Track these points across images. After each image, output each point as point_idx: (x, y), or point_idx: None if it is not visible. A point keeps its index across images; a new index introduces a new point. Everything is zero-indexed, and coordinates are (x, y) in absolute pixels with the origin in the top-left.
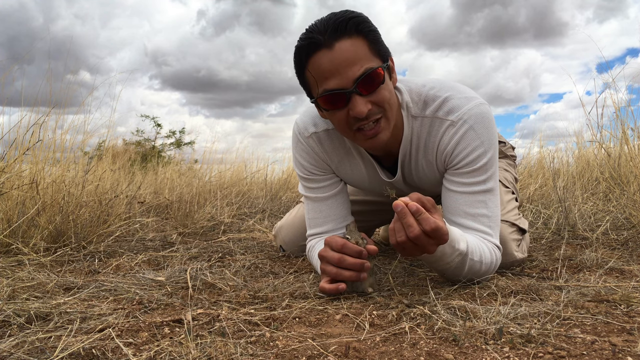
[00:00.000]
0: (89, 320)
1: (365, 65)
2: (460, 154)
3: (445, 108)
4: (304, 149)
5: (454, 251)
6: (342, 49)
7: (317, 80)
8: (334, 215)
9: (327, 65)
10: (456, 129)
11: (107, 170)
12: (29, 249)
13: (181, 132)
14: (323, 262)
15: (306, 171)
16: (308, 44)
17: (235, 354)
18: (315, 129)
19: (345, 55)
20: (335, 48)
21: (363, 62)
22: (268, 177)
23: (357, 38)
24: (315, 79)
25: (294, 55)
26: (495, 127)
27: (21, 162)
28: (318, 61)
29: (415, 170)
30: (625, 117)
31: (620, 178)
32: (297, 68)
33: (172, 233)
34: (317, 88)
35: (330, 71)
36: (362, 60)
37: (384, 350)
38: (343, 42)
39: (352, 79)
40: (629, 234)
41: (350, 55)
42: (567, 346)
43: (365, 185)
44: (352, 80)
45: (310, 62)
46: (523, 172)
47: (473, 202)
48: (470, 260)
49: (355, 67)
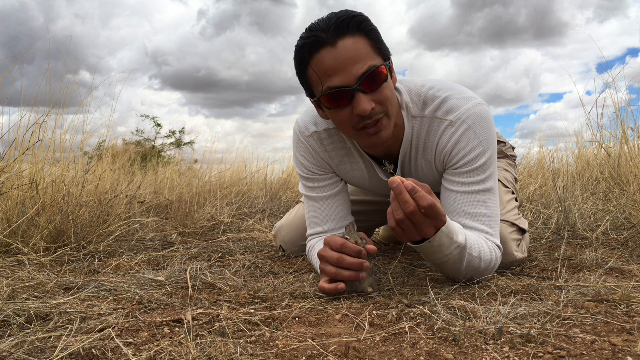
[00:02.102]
0: (89, 320)
1: (368, 63)
2: (459, 154)
3: (444, 108)
4: (304, 149)
5: (452, 243)
6: (346, 47)
7: (320, 78)
8: (335, 215)
9: (330, 62)
10: (455, 129)
11: (107, 170)
12: (29, 249)
13: (181, 132)
14: (322, 262)
15: (307, 170)
16: (311, 42)
17: (235, 354)
18: (316, 128)
19: (348, 53)
20: (338, 46)
21: (366, 60)
22: (268, 177)
23: (360, 37)
24: (318, 76)
25: (295, 53)
26: (494, 127)
27: (21, 162)
28: (321, 59)
29: (414, 170)
30: (625, 117)
31: (620, 178)
32: (298, 66)
33: (172, 233)
34: (320, 86)
35: (333, 69)
36: (365, 58)
37: (384, 350)
38: (346, 40)
39: (356, 76)
40: (629, 234)
41: (354, 53)
42: (567, 346)
43: (365, 185)
44: (356, 78)
45: (313, 60)
46: (523, 172)
47: (472, 201)
48: (469, 255)
49: (359, 65)
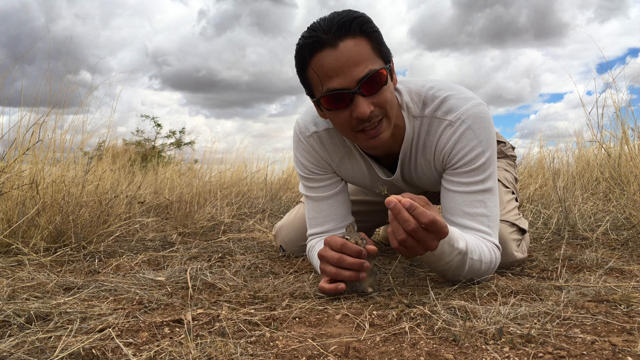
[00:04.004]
0: (89, 320)
1: (369, 66)
2: (458, 154)
3: (444, 108)
4: (304, 149)
5: (453, 250)
6: (346, 49)
7: (320, 79)
8: (335, 215)
9: (330, 64)
10: (454, 129)
11: (107, 170)
12: (29, 249)
13: (181, 132)
14: (322, 262)
15: (307, 170)
16: (312, 42)
17: (235, 354)
18: (316, 128)
19: (349, 54)
20: (339, 47)
21: (367, 62)
22: (268, 177)
23: (361, 38)
24: (318, 77)
25: (295, 52)
26: (493, 127)
27: (21, 162)
28: (322, 60)
29: (414, 169)
30: (625, 117)
31: (620, 178)
32: (298, 66)
33: (172, 233)
34: (320, 87)
35: (334, 70)
36: (365, 60)
37: (384, 350)
38: (347, 42)
39: (355, 79)
40: (629, 234)
41: (354, 55)
42: (567, 346)
43: (366, 184)
44: (356, 80)
45: (313, 60)
46: (523, 172)
47: (472, 201)
48: (470, 259)
49: (359, 67)
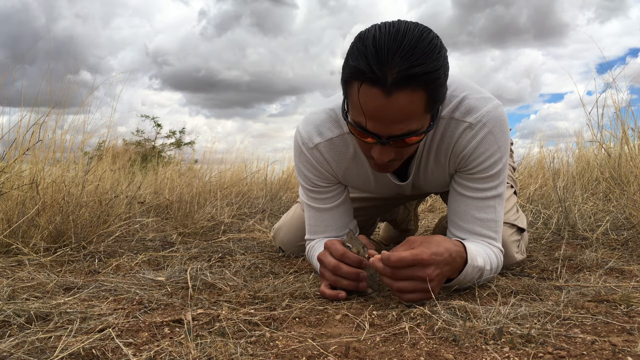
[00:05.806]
0: (89, 320)
1: (410, 126)
2: (477, 159)
3: (462, 109)
4: (307, 161)
5: (474, 269)
6: (398, 103)
7: (359, 105)
8: (336, 225)
9: (374, 108)
10: (474, 132)
11: (107, 170)
12: (29, 249)
13: (181, 132)
14: (321, 267)
15: (310, 182)
16: (369, 72)
17: (235, 354)
18: (320, 139)
19: (397, 110)
20: (392, 98)
21: (411, 122)
22: (268, 177)
23: (420, 93)
24: (359, 102)
25: (349, 57)
26: (509, 130)
27: (21, 162)
28: (369, 96)
29: (423, 172)
30: (625, 117)
31: (620, 178)
32: (347, 75)
33: (172, 233)
34: (355, 111)
35: (374, 114)
36: (411, 119)
37: (384, 350)
38: (403, 96)
39: (390, 134)
40: (629, 234)
41: (401, 113)
42: (567, 346)
43: (370, 188)
44: (389, 134)
45: (362, 87)
46: (523, 172)
47: (483, 207)
48: (486, 271)
49: (400, 125)
